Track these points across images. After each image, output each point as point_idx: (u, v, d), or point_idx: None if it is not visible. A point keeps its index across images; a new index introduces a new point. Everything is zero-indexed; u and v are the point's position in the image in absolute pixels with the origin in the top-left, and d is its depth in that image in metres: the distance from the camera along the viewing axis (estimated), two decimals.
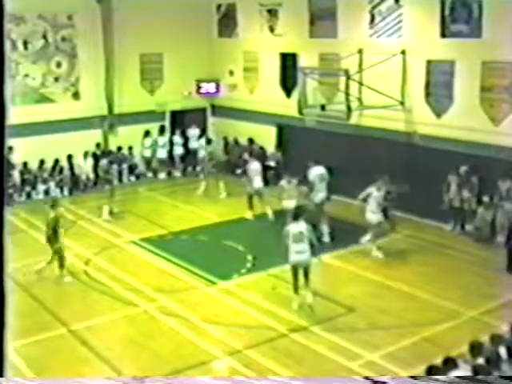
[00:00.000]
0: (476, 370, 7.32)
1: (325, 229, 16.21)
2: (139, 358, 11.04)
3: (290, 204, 16.11)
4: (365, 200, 15.36)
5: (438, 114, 17.93)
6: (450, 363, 7.57)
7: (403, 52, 18.29)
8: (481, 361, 7.53)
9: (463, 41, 17.02)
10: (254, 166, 18.90)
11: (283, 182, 17.11)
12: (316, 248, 12.64)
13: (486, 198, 16.26)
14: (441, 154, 17.19)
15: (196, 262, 15.05)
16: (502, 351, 7.81)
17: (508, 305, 12.46)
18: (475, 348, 7.90)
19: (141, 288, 13.87)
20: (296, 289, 12.70)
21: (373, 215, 15.25)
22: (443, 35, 17.50)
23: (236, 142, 24.09)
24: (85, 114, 22.27)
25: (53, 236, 14.34)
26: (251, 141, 23.43)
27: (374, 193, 15.25)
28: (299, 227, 12.54)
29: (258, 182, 18.59)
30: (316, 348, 11.12)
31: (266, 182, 21.48)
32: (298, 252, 12.43)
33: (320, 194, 16.42)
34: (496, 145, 16.23)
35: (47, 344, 11.43)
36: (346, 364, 10.52)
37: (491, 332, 9.07)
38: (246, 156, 22.56)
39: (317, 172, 16.62)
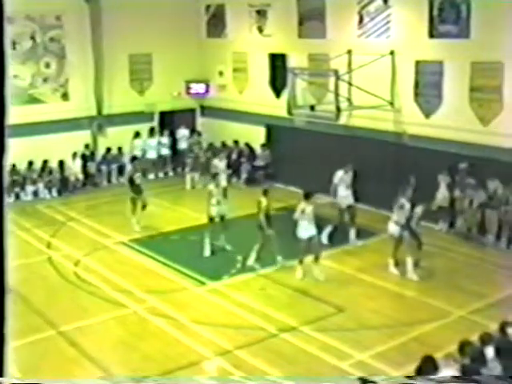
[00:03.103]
0: (464, 369, 7.34)
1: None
2: (129, 358, 11.02)
3: (218, 211, 15.75)
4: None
5: (427, 114, 17.99)
6: (432, 363, 7.51)
7: (392, 52, 18.34)
8: (469, 360, 7.55)
9: (452, 41, 17.08)
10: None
11: (211, 186, 16.03)
12: None
13: (476, 198, 16.32)
14: (430, 154, 17.24)
15: (186, 263, 15.06)
16: (491, 350, 7.84)
17: (497, 304, 12.53)
18: (464, 347, 7.92)
19: (130, 289, 13.85)
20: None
21: (393, 226, 14.31)
22: (432, 36, 17.56)
23: (223, 143, 24.00)
24: (74, 115, 22.20)
25: (266, 222, 14.62)
26: (236, 142, 23.40)
27: (406, 205, 14.11)
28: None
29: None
30: (306, 348, 11.14)
31: (255, 181, 21.58)
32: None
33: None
34: (485, 144, 16.30)
35: (37, 345, 11.41)
36: (336, 364, 10.55)
37: (480, 331, 9.10)
38: (234, 156, 22.66)
39: None
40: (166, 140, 24.12)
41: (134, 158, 20.81)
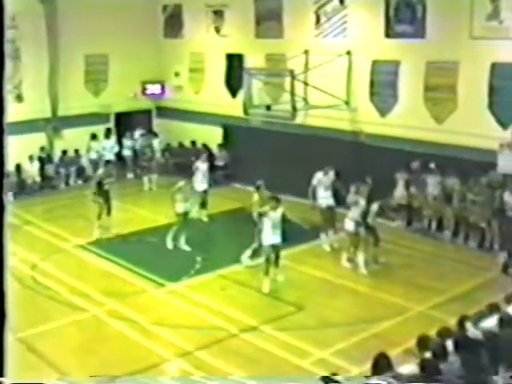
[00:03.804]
0: (424, 363, 7.40)
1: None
2: (89, 362, 10.89)
3: (185, 208, 15.92)
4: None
5: (383, 114, 18.17)
6: (385, 360, 7.52)
7: (348, 52, 18.47)
8: (429, 355, 7.62)
9: (407, 41, 17.31)
10: None
11: (181, 184, 16.08)
12: None
13: (432, 194, 16.52)
14: (387, 152, 17.38)
15: (145, 265, 14.94)
16: (450, 345, 7.91)
17: (455, 299, 12.70)
18: (422, 342, 7.98)
19: (89, 292, 13.69)
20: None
21: (349, 223, 14.40)
22: (388, 35, 17.75)
23: (180, 144, 23.90)
24: (29, 117, 21.79)
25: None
26: (194, 143, 23.29)
27: (361, 201, 14.30)
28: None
29: None
30: (267, 347, 11.15)
31: (214, 181, 21.45)
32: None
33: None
34: (440, 143, 16.52)
35: None
36: (297, 362, 10.59)
37: (439, 326, 9.20)
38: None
39: None
40: (125, 141, 23.81)
41: (107, 162, 20.18)
